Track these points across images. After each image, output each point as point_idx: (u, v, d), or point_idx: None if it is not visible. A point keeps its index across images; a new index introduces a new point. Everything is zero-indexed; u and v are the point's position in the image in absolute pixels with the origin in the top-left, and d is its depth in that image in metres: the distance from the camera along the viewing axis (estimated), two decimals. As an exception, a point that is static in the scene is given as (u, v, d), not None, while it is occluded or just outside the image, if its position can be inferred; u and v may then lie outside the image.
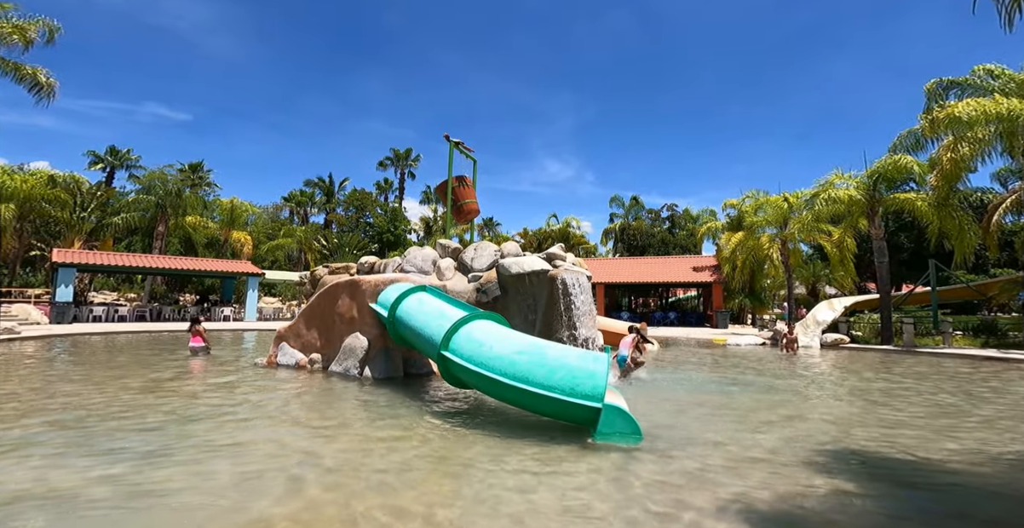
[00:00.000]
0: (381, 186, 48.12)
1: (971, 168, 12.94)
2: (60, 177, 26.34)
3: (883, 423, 5.01)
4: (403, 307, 6.38)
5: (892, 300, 15.71)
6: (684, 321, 27.94)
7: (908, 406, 5.96)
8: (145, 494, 2.91)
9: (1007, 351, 11.73)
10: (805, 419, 5.19)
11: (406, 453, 3.79)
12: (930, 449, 4.09)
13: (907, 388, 7.36)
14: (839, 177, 16.61)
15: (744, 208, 22.98)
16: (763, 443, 4.15)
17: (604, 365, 4.35)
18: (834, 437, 4.41)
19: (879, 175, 15.09)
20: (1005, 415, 5.48)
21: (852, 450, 4.05)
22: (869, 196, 15.33)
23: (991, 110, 11.06)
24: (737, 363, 10.61)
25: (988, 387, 7.49)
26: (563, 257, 9.54)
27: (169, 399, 5.58)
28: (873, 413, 5.52)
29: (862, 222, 16.59)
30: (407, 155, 48.12)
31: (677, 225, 40.74)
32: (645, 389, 6.88)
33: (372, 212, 42.78)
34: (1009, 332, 14.09)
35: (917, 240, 24.95)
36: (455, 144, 11.74)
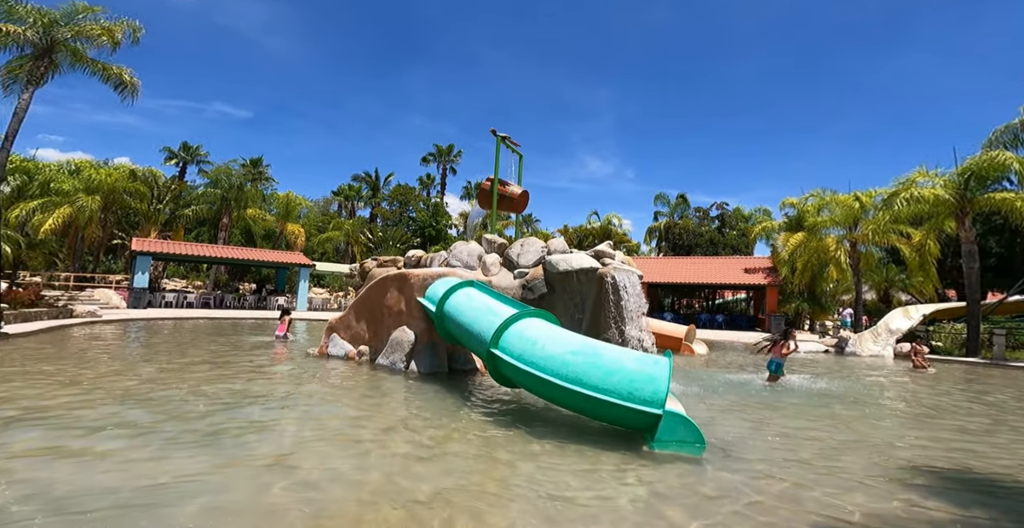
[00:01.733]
0: (424, 181, 49.07)
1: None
2: (140, 171, 28.89)
3: (973, 442, 4.38)
4: (451, 302, 6.34)
5: (980, 309, 14.04)
6: (732, 324, 26.57)
7: (1004, 425, 5.20)
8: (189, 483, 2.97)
9: None
10: (878, 432, 4.65)
11: (450, 453, 3.69)
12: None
13: (1002, 405, 6.46)
14: (923, 175, 14.97)
15: (806, 207, 21.40)
16: (839, 457, 3.76)
17: (666, 369, 4.07)
18: (916, 455, 3.91)
19: (971, 173, 13.47)
20: None
21: (939, 470, 3.54)
22: (959, 195, 13.73)
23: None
24: (800, 371, 9.84)
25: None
26: (612, 255, 9.20)
27: (230, 387, 5.85)
28: (962, 430, 4.86)
29: (949, 224, 14.91)
30: (449, 151, 48.79)
31: (727, 224, 38.74)
32: (700, 396, 6.46)
33: (415, 207, 43.77)
34: None
35: (1008, 245, 22.20)
36: (502, 139, 11.61)
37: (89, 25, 14.87)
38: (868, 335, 14.41)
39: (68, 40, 14.80)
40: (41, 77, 14.49)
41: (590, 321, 8.49)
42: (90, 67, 15.40)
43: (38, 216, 22.58)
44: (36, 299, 13.07)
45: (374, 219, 46.32)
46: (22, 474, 2.90)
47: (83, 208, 23.05)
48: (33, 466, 3.05)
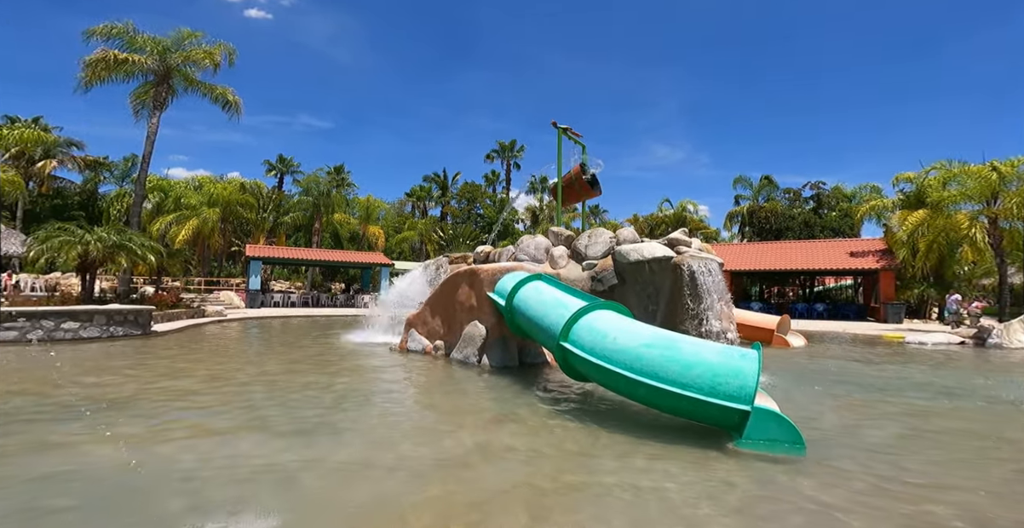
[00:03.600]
0: (489, 178, 50.18)
1: None
2: (248, 184, 33.05)
3: None
4: (520, 296, 6.39)
5: None
6: (837, 314, 23.69)
7: None
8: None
9: None
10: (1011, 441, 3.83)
11: (530, 444, 3.73)
12: None
13: None
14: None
15: (927, 181, 18.36)
16: (971, 465, 3.19)
17: (754, 362, 3.75)
18: None
19: None
20: None
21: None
22: None
23: None
24: (929, 368, 8.48)
25: None
26: (687, 242, 8.66)
27: (326, 380, 6.48)
28: None
29: None
30: (511, 147, 49.31)
31: (825, 205, 34.48)
32: (798, 392, 5.85)
33: (482, 203, 44.93)
34: None
35: None
36: (563, 130, 11.48)
37: (194, 50, 16.95)
38: (1018, 324, 12.02)
39: (179, 65, 16.96)
40: (164, 101, 16.88)
41: (665, 312, 8.09)
42: (200, 89, 17.60)
43: (173, 228, 26.76)
44: (176, 301, 15.56)
45: (444, 217, 48.31)
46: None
47: (206, 219, 26.91)
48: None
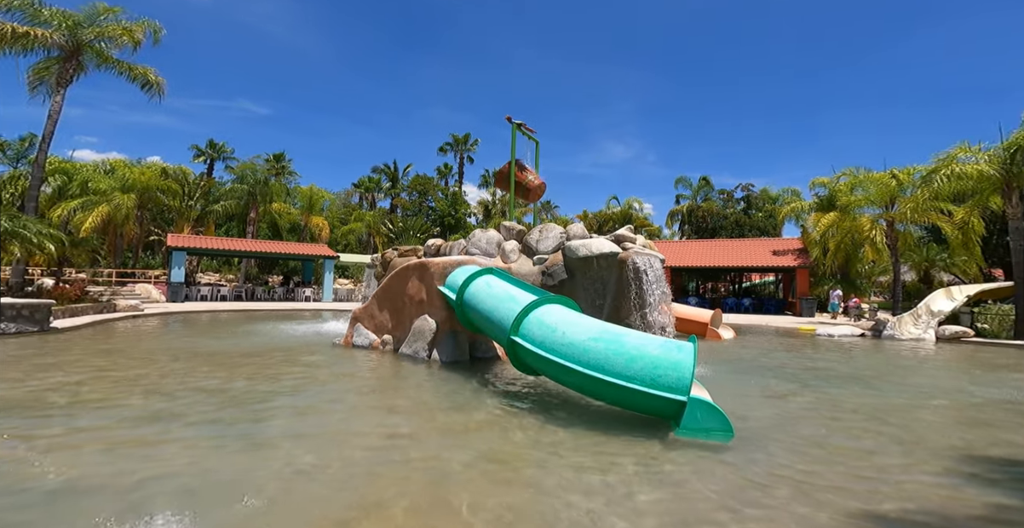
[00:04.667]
0: (441, 171, 49.53)
1: None
2: (171, 169, 30.02)
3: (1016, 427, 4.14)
4: (471, 290, 6.36)
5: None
6: (761, 308, 25.86)
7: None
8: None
9: None
10: (921, 422, 4.44)
11: (476, 439, 3.74)
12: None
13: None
14: (965, 150, 14.03)
15: (838, 186, 20.45)
16: (873, 446, 3.61)
17: (690, 355, 3.98)
18: (973, 444, 3.69)
19: (1018, 147, 12.56)
20: None
21: (1005, 458, 3.37)
22: (1005, 171, 12.84)
23: None
24: (835, 357, 9.52)
25: None
26: (633, 239, 9.03)
27: (260, 378, 6.07)
28: (1004, 415, 4.60)
29: (994, 200, 14.00)
30: (465, 140, 48.93)
31: (754, 206, 37.52)
32: (732, 382, 6.34)
33: (434, 196, 44.22)
34: None
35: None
36: (517, 125, 11.51)
37: (111, 26, 15.20)
38: (908, 318, 13.76)
39: (92, 41, 15.16)
40: (70, 79, 14.96)
41: (612, 307, 8.40)
42: (115, 67, 15.80)
43: (79, 215, 23.75)
44: (81, 294, 13.83)
45: (394, 210, 47.08)
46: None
47: (119, 206, 24.12)
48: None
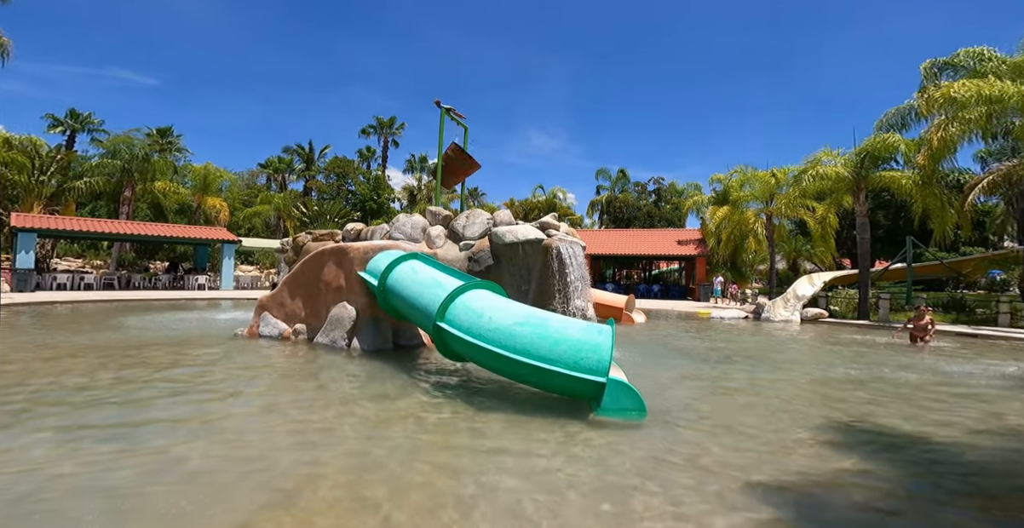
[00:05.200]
0: (363, 154, 47.35)
1: (954, 149, 13.01)
2: (16, 140, 24.45)
3: (871, 399, 5.10)
4: (394, 275, 6.10)
5: (869, 276, 16.14)
6: (667, 294, 28.40)
7: (890, 382, 6.11)
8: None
9: (977, 327, 12.24)
10: (798, 395, 5.19)
11: (398, 429, 3.63)
12: (920, 421, 4.16)
13: (882, 361, 7.58)
14: (827, 154, 16.60)
15: (731, 183, 22.99)
16: (761, 419, 4.12)
17: (609, 337, 4.20)
18: (836, 414, 4.37)
19: (867, 153, 15.11)
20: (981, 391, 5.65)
21: (864, 428, 4.08)
22: (856, 173, 15.42)
23: (984, 92, 11.00)
24: (726, 337, 10.79)
25: (972, 362, 7.78)
26: (557, 226, 9.32)
27: (146, 374, 5.27)
28: (860, 388, 5.63)
29: (847, 199, 16.76)
30: (391, 123, 46.92)
31: (663, 198, 40.90)
32: (638, 363, 6.88)
33: (354, 180, 41.83)
34: (977, 308, 14.68)
35: (893, 218, 25.56)
36: (446, 110, 11.25)
37: None
38: (780, 301, 16.02)
39: None
40: None
41: (536, 292, 8.63)
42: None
43: None
44: None
45: (309, 193, 43.79)
46: None
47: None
48: None
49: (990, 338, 10.56)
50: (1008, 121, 12.20)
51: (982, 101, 11.16)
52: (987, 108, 11.39)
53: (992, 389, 5.47)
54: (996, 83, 11.11)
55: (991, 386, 5.64)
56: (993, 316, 13.08)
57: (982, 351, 8.81)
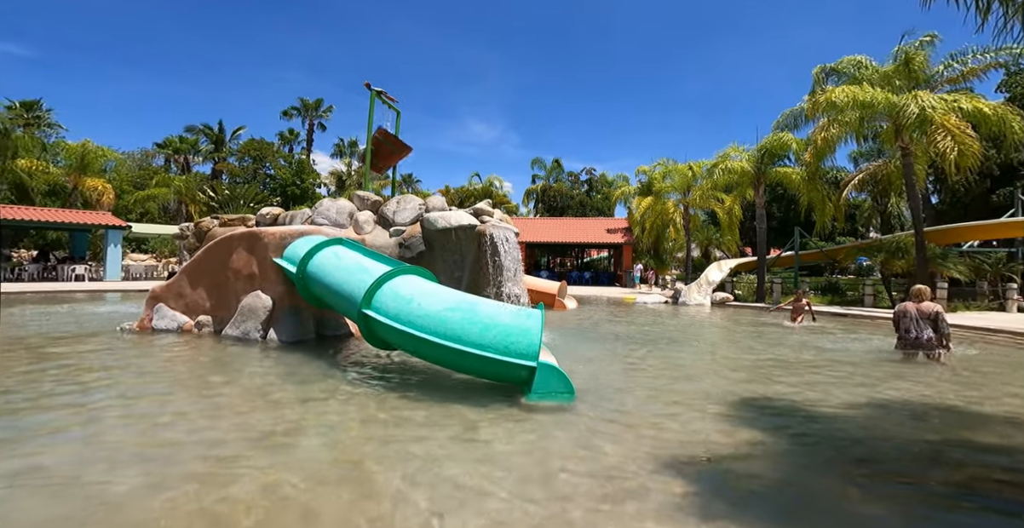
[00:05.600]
0: (285, 137, 43.86)
1: (834, 148, 14.97)
2: None
3: (769, 374, 5.72)
4: (316, 262, 5.67)
5: (766, 263, 18.20)
6: (597, 281, 29.75)
7: (781, 359, 6.93)
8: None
9: (848, 307, 14.28)
10: (709, 373, 5.53)
11: (321, 421, 3.42)
12: (809, 398, 4.75)
13: (777, 340, 8.60)
14: (735, 150, 18.28)
15: (654, 175, 24.47)
16: (677, 395, 4.33)
17: (538, 322, 4.25)
18: (750, 389, 4.66)
19: (766, 150, 16.87)
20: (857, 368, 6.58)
21: (765, 402, 4.50)
22: (757, 168, 17.17)
23: (859, 97, 12.70)
24: (648, 321, 11.55)
25: (847, 339, 9.02)
26: (491, 213, 9.28)
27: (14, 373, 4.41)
28: (772, 366, 6.25)
29: (749, 192, 18.61)
30: (317, 106, 43.80)
31: (594, 188, 42.54)
32: (570, 347, 7.12)
33: (273, 163, 38.46)
34: (848, 291, 17.17)
35: (785, 210, 29.01)
36: (377, 93, 10.69)
37: None
38: (694, 286, 17.46)
39: None
40: None
41: (470, 278, 8.57)
42: None
43: None
44: None
45: (219, 176, 39.49)
46: None
47: None
48: None
49: (858, 317, 12.28)
50: (877, 125, 14.23)
51: (857, 106, 12.84)
52: (860, 112, 13.14)
53: (866, 362, 6.14)
54: (868, 90, 12.82)
55: (863, 360, 6.28)
56: (860, 297, 15.30)
57: (852, 328, 10.22)
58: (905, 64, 13.36)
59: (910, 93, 12.52)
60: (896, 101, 12.41)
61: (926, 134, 12.59)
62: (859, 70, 14.31)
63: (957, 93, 13.18)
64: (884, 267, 15.40)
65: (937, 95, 12.59)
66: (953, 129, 12.16)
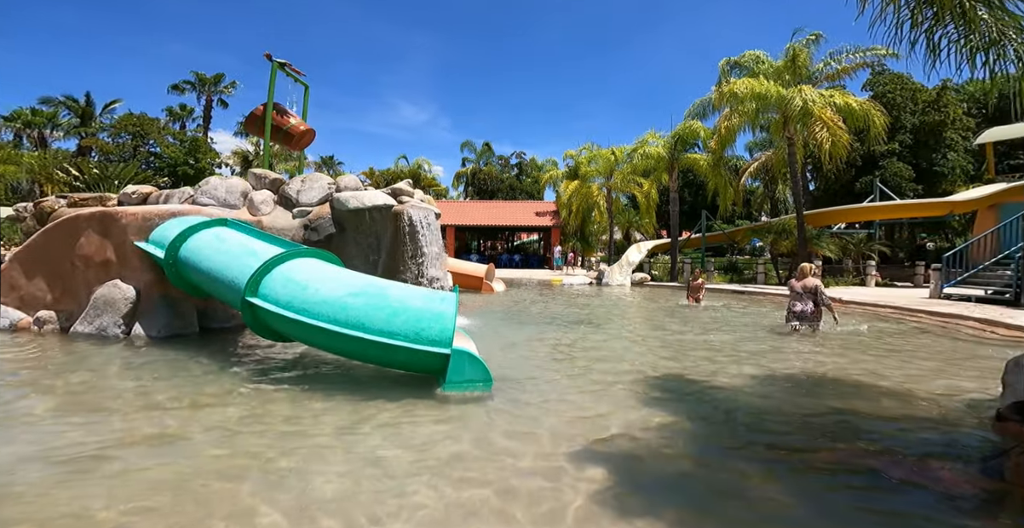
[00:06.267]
0: (175, 113, 38.87)
1: (735, 137, 16.31)
2: None
3: (682, 354, 5.99)
4: (191, 245, 4.83)
5: (679, 244, 19.59)
6: (527, 263, 30.17)
7: (690, 340, 7.35)
8: None
9: (745, 285, 15.82)
10: (632, 354, 5.47)
11: (194, 430, 2.87)
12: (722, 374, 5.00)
13: (690, 318, 9.19)
14: (652, 136, 19.21)
15: (580, 159, 25.03)
16: (595, 382, 4.22)
17: (452, 305, 3.94)
18: (666, 370, 4.64)
19: (679, 137, 17.94)
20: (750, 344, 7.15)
21: (675, 382, 4.67)
22: (671, 154, 18.22)
23: (756, 90, 13.84)
24: (573, 302, 11.79)
25: (746, 315, 9.84)
26: (411, 193, 8.73)
27: None
28: (685, 346, 6.48)
29: (664, 176, 19.75)
30: (216, 80, 39.07)
31: (524, 172, 42.71)
32: (493, 331, 6.95)
33: (159, 141, 33.41)
34: (744, 270, 19.06)
35: (694, 195, 31.46)
36: (279, 65, 9.45)
37: None
38: (616, 268, 18.31)
39: None
40: None
41: (387, 262, 8.01)
42: None
43: None
44: None
45: (87, 153, 33.71)
46: None
47: None
48: None
49: (754, 294, 13.54)
50: (769, 117, 15.69)
51: (754, 97, 13.99)
52: (757, 104, 14.34)
53: (761, 337, 6.55)
54: (764, 83, 14.01)
55: (760, 336, 6.62)
56: (754, 276, 17.13)
57: (751, 306, 11.09)
58: (792, 60, 14.76)
59: (796, 87, 13.89)
60: (785, 94, 13.70)
61: (807, 126, 14.12)
62: (757, 64, 15.58)
63: (833, 89, 14.92)
64: (773, 247, 17.30)
65: (817, 90, 14.12)
66: (829, 122, 13.77)
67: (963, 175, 20.93)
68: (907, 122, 20.67)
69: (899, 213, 17.94)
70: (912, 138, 20.89)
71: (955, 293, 10.62)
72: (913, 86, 21.50)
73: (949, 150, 20.78)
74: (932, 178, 20.87)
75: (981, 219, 14.73)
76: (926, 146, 20.87)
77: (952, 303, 9.72)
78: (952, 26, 3.36)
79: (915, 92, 21.34)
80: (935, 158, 20.81)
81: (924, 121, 20.78)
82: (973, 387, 3.95)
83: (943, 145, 20.77)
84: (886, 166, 20.70)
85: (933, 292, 11.09)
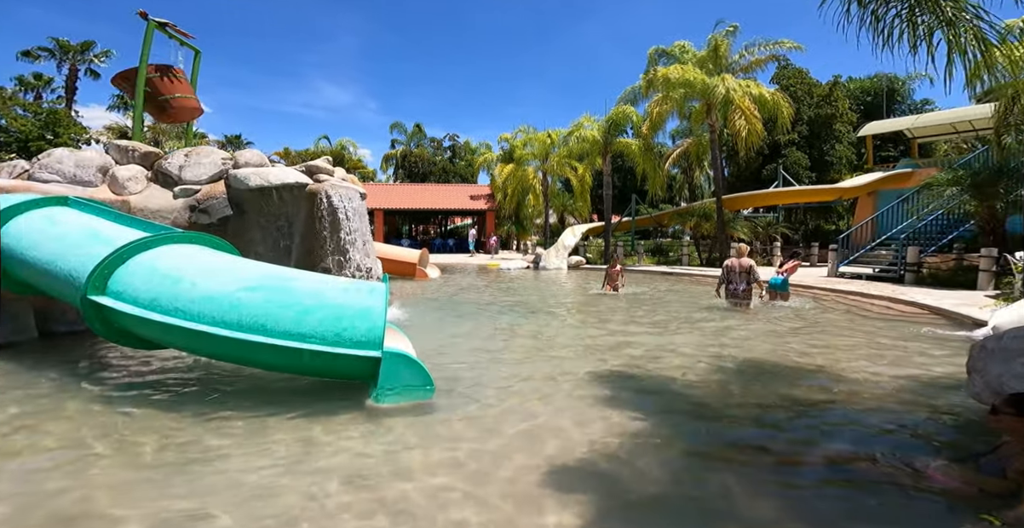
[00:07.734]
0: (28, 83, 32.27)
1: (664, 123, 16.81)
2: None
3: (625, 342, 5.77)
4: (13, 230, 3.56)
5: (611, 228, 20.03)
6: (461, 248, 29.30)
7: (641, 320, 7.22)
8: None
9: (672, 267, 16.55)
10: (575, 347, 5.10)
11: (53, 455, 1.94)
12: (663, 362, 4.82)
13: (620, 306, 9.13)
14: (587, 120, 19.20)
15: (516, 142, 24.55)
16: (546, 376, 3.88)
17: (381, 298, 3.21)
18: (613, 363, 4.32)
19: (612, 121, 18.12)
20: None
21: (622, 375, 4.38)
22: (605, 138, 18.38)
23: (685, 77, 14.22)
24: (510, 287, 11.38)
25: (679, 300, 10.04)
26: (330, 171, 7.59)
27: None
28: (628, 333, 6.22)
29: (598, 160, 19.94)
30: (85, 48, 32.63)
31: (458, 155, 41.34)
32: (429, 324, 6.28)
33: (5, 112, 27.21)
34: (669, 252, 20.01)
35: (624, 179, 32.57)
36: (159, 25, 7.67)
37: None
38: (552, 251, 18.24)
39: None
40: None
41: (302, 249, 6.92)
42: None
43: None
44: None
45: None
46: None
47: None
48: None
49: (679, 275, 14.19)
50: (691, 105, 16.29)
51: (683, 84, 14.37)
52: (684, 91, 14.77)
53: (699, 318, 6.53)
54: (691, 70, 14.42)
55: (704, 317, 6.60)
56: (678, 258, 18.00)
57: (674, 285, 11.45)
58: (714, 51, 15.37)
59: (719, 76, 14.48)
60: (710, 82, 14.23)
61: (727, 114, 14.86)
62: (682, 54, 16.04)
63: (748, 80, 15.82)
64: (695, 230, 18.29)
65: (736, 79, 14.86)
66: (746, 111, 14.58)
67: (848, 164, 23.71)
68: (804, 114, 22.83)
69: (799, 198, 19.82)
70: (808, 129, 23.17)
71: (848, 271, 11.84)
72: (810, 81, 23.75)
73: (837, 141, 23.38)
74: (823, 167, 23.41)
75: (862, 204, 16.75)
76: (819, 137, 23.30)
77: (848, 281, 10.76)
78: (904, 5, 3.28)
79: (811, 87, 23.59)
80: (826, 148, 23.33)
81: (818, 114, 23.11)
82: (917, 373, 3.85)
83: (832, 136, 23.31)
84: (787, 155, 22.81)
85: (831, 271, 12.27)
